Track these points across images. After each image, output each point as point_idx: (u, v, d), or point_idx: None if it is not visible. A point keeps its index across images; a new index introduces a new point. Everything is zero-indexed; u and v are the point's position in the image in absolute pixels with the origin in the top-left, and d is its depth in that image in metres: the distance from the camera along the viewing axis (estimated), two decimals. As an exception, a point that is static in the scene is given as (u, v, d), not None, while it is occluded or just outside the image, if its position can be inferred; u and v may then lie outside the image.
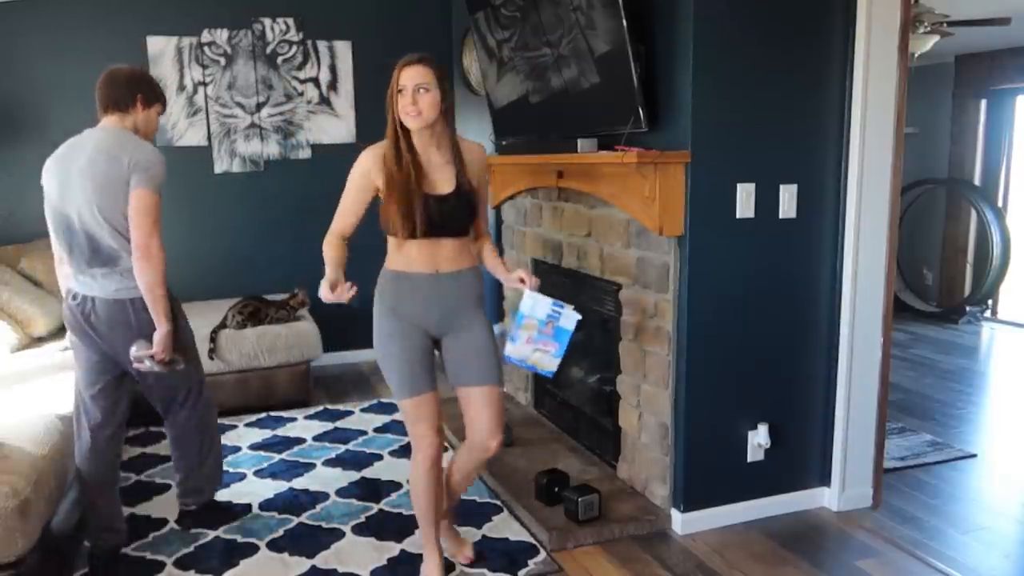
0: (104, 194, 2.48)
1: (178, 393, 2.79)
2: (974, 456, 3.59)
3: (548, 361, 2.41)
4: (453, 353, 2.44)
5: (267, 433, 3.92)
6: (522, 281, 2.40)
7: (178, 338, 2.63)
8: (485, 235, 2.54)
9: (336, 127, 5.03)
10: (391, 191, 2.33)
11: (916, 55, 4.32)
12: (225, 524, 2.97)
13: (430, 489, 2.44)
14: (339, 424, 4.04)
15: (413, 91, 2.23)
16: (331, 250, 2.61)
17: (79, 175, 2.49)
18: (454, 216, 2.33)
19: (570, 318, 2.39)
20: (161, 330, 2.54)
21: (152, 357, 2.54)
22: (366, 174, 2.41)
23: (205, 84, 4.74)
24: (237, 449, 3.70)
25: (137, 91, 2.66)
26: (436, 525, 2.51)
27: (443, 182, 2.34)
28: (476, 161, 2.41)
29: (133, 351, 2.54)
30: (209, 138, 4.80)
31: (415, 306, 2.43)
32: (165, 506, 3.13)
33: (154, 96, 2.74)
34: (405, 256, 2.43)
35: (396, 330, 2.46)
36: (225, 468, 3.45)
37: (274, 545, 2.81)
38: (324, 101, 4.99)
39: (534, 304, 2.40)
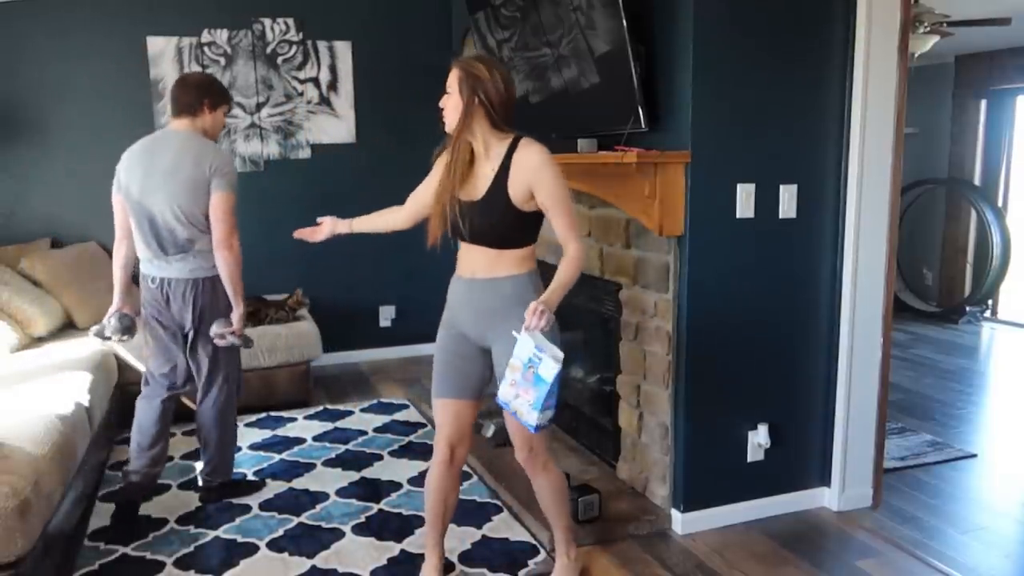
0: (187, 195, 2.85)
1: (218, 376, 3.05)
2: (974, 456, 3.60)
3: (527, 411, 2.08)
4: (495, 363, 2.32)
5: (267, 433, 3.92)
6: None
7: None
8: (569, 245, 2.22)
9: (336, 127, 5.03)
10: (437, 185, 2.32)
11: (916, 55, 4.32)
12: (246, 496, 3.21)
13: (433, 493, 2.43)
14: (339, 424, 4.04)
15: (445, 94, 2.22)
16: (378, 213, 2.74)
17: (163, 175, 2.85)
18: (477, 223, 2.23)
19: (548, 366, 2.03)
20: (238, 310, 2.94)
21: (233, 333, 2.93)
22: (433, 170, 2.45)
23: (205, 84, 4.74)
24: (237, 449, 3.68)
25: (205, 96, 2.98)
26: (438, 528, 2.48)
27: (477, 188, 2.25)
28: (524, 168, 2.19)
29: (214, 329, 2.93)
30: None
31: (456, 310, 2.38)
32: (165, 506, 3.13)
33: (221, 99, 3.05)
34: (458, 259, 2.38)
35: (443, 331, 2.42)
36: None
37: (274, 545, 2.81)
38: (324, 101, 4.99)
39: (520, 344, 2.10)
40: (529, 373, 2.09)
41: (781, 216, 2.84)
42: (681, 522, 2.89)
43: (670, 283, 2.82)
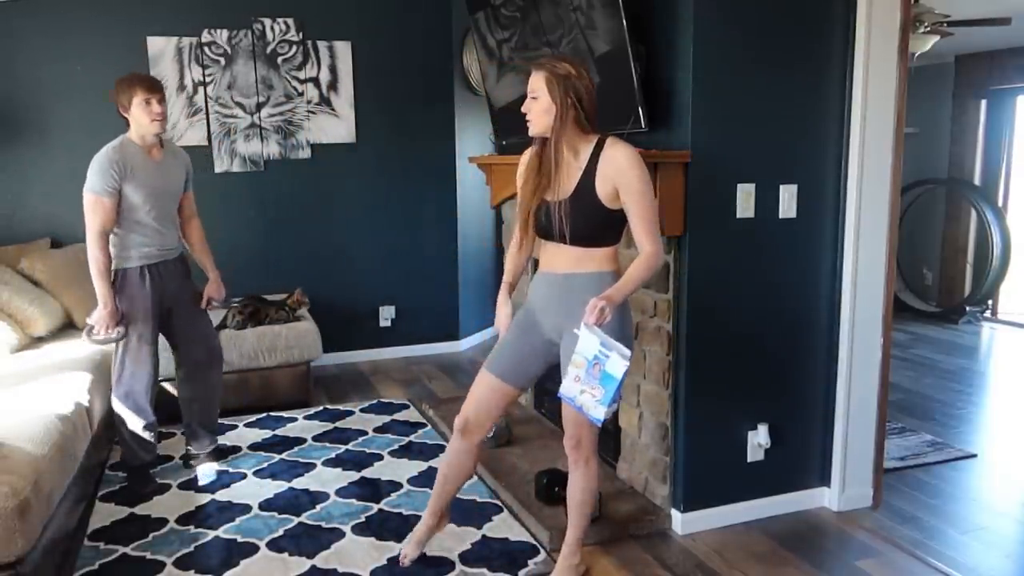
0: None
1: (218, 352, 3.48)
2: (974, 456, 3.60)
3: (594, 406, 2.11)
4: (561, 357, 2.34)
5: (267, 433, 3.92)
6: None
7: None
8: (645, 246, 2.21)
9: (336, 127, 5.03)
10: (520, 191, 2.37)
11: (916, 55, 4.32)
12: (227, 458, 3.56)
13: (447, 459, 2.56)
14: (339, 424, 4.04)
15: (529, 99, 2.21)
16: (508, 257, 2.58)
17: None
18: (565, 222, 2.23)
19: (617, 364, 2.04)
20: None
21: (91, 329, 3.13)
22: (519, 175, 2.45)
23: (205, 84, 4.74)
24: (237, 449, 3.70)
25: (117, 102, 3.12)
26: (438, 495, 2.60)
27: (565, 187, 2.25)
28: (612, 167, 2.18)
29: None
30: (209, 138, 4.80)
31: (536, 303, 2.42)
32: (165, 506, 3.13)
33: (122, 94, 3.13)
34: (541, 256, 2.41)
35: (521, 313, 2.47)
36: (225, 468, 3.48)
37: (274, 545, 2.81)
38: (324, 101, 4.99)
39: (583, 340, 2.10)
40: (595, 370, 2.09)
41: (781, 216, 2.84)
42: (681, 522, 2.89)
43: (670, 283, 2.82)
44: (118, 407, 3.23)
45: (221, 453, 3.60)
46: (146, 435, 3.27)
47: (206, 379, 3.47)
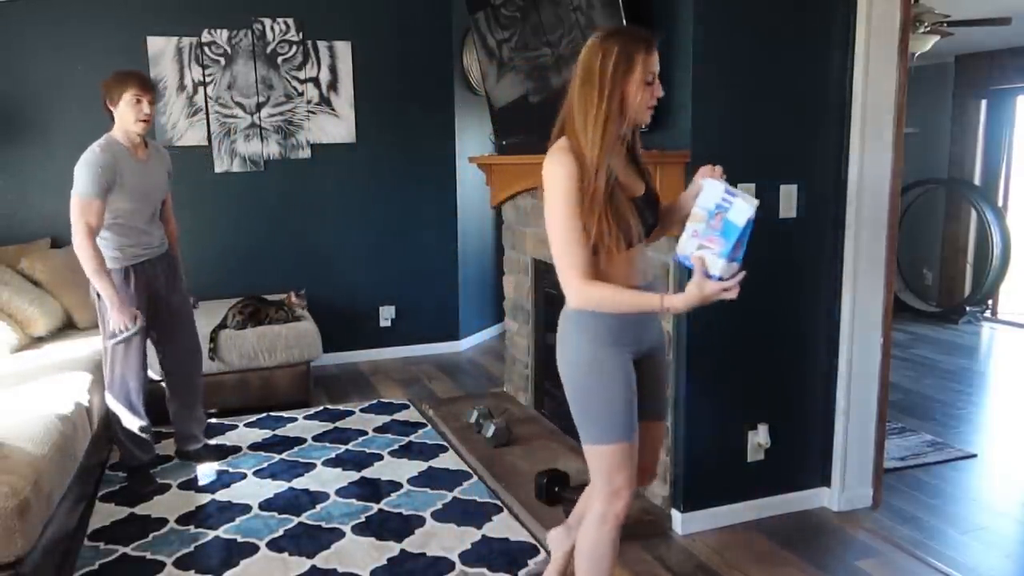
0: None
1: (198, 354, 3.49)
2: (974, 456, 3.59)
3: (711, 261, 1.83)
4: (640, 378, 2.03)
5: (267, 433, 3.92)
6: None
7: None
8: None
9: (336, 127, 5.03)
10: (596, 200, 1.84)
11: (916, 55, 4.32)
12: (227, 458, 3.56)
13: (616, 550, 2.03)
14: (339, 424, 4.04)
15: (656, 80, 1.88)
16: (619, 294, 1.90)
17: None
18: (649, 220, 1.99)
19: (741, 210, 1.83)
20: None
21: (113, 335, 3.14)
22: (579, 180, 1.86)
23: (205, 84, 4.74)
24: (237, 449, 3.69)
25: (105, 99, 3.08)
26: None
27: (634, 184, 1.98)
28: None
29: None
30: (209, 138, 4.80)
31: (634, 327, 2.00)
32: (165, 506, 3.13)
33: (109, 92, 3.07)
34: (617, 271, 1.93)
35: (621, 363, 1.97)
36: (225, 468, 3.48)
37: (274, 545, 2.81)
38: (324, 101, 4.99)
39: (706, 192, 1.88)
40: (716, 220, 1.87)
41: (781, 216, 2.84)
42: (681, 522, 2.89)
43: (670, 283, 2.82)
44: (113, 408, 3.23)
45: (222, 453, 3.61)
46: (142, 435, 3.28)
47: (186, 381, 3.48)
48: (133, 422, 3.24)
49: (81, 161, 3.02)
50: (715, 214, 1.87)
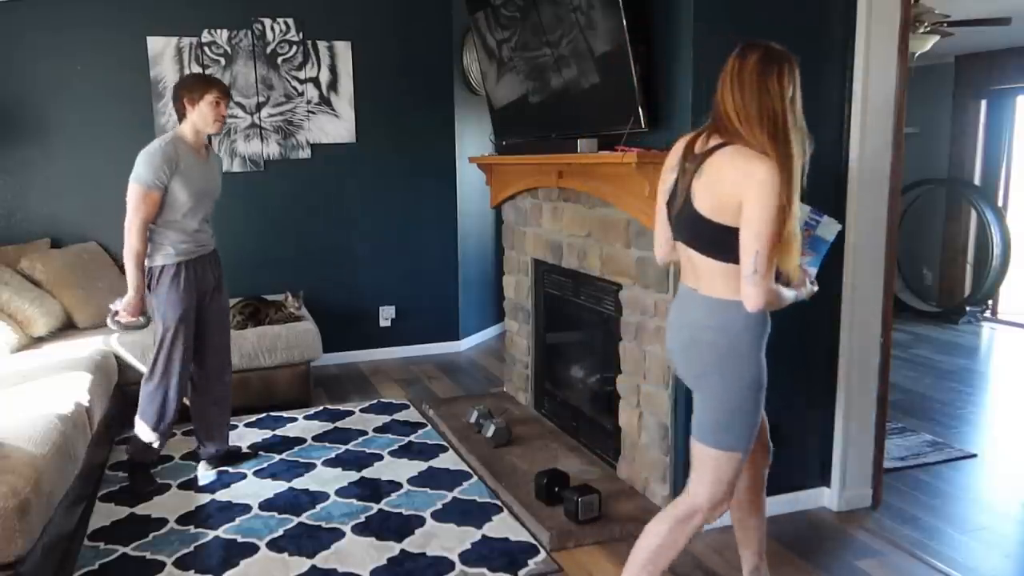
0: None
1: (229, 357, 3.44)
2: (974, 456, 3.59)
3: (808, 270, 2.12)
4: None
5: (267, 433, 3.92)
6: None
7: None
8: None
9: (336, 127, 5.03)
10: (791, 211, 1.89)
11: (916, 55, 4.32)
12: (240, 463, 3.52)
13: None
14: (339, 424, 4.04)
15: None
16: (785, 292, 1.98)
17: None
18: None
19: (829, 228, 2.15)
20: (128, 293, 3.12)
21: (115, 313, 3.13)
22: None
23: (205, 84, 4.74)
24: (238, 449, 3.69)
25: (181, 95, 3.13)
26: None
27: None
28: None
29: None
30: (209, 138, 4.77)
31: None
32: (165, 506, 3.13)
33: (193, 91, 3.13)
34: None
35: (766, 372, 2.02)
36: (225, 468, 3.47)
37: (274, 545, 2.81)
38: (324, 101, 4.99)
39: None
40: (805, 236, 2.10)
41: (781, 216, 2.83)
42: (681, 522, 2.88)
43: (670, 283, 2.82)
44: (144, 401, 3.23)
45: (236, 458, 3.57)
46: (160, 436, 3.26)
47: (214, 389, 3.42)
48: (158, 421, 3.23)
49: (144, 151, 3.08)
50: (804, 231, 2.09)
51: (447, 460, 3.54)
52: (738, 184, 1.86)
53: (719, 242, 1.92)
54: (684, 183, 1.99)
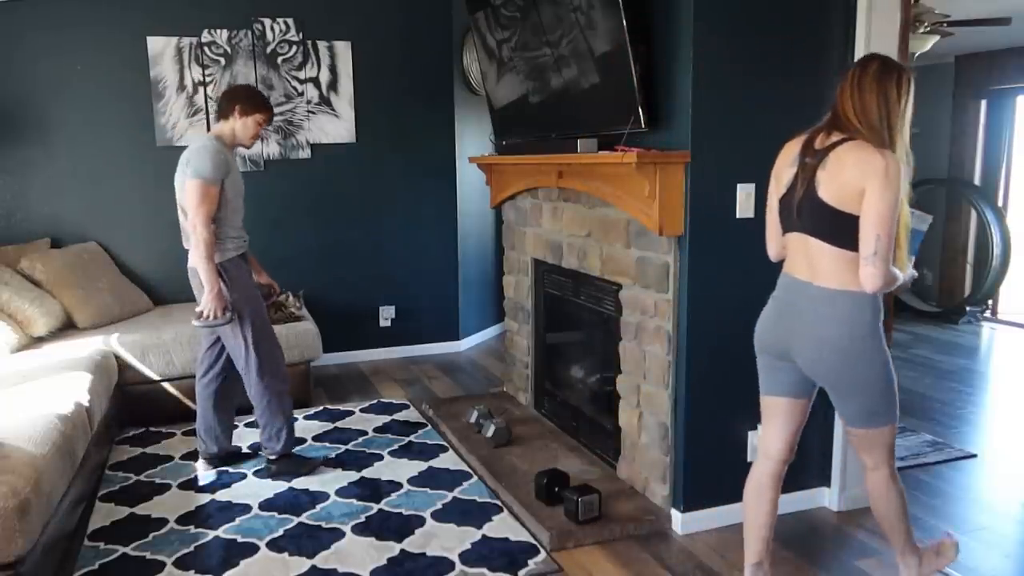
0: (180, 189, 3.20)
1: (238, 360, 3.29)
2: (974, 456, 3.59)
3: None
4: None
5: (267, 433, 3.92)
6: None
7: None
8: None
9: (336, 127, 5.03)
10: (904, 200, 2.09)
11: (916, 55, 4.32)
12: (240, 463, 3.49)
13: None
14: (339, 424, 4.04)
15: None
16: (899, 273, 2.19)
17: (177, 173, 3.23)
18: None
19: (923, 220, 2.38)
20: (206, 294, 3.14)
21: (200, 315, 3.17)
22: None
23: (205, 84, 4.74)
24: (238, 449, 3.69)
25: (236, 102, 3.24)
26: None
27: None
28: None
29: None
30: (209, 138, 4.79)
31: None
32: (165, 506, 3.13)
33: (250, 106, 3.25)
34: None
35: None
36: (225, 468, 3.47)
37: (274, 545, 2.81)
38: (324, 101, 4.99)
39: None
40: None
41: (781, 216, 2.83)
42: (681, 522, 2.89)
43: (670, 283, 2.82)
44: (275, 392, 3.31)
45: (236, 458, 3.57)
46: (292, 419, 3.42)
47: (237, 389, 3.44)
48: (288, 401, 3.37)
49: (202, 148, 3.14)
50: None
51: (447, 460, 3.54)
52: (861, 173, 2.02)
53: (840, 229, 2.07)
54: (806, 175, 2.14)
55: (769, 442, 2.41)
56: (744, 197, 2.77)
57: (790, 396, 2.34)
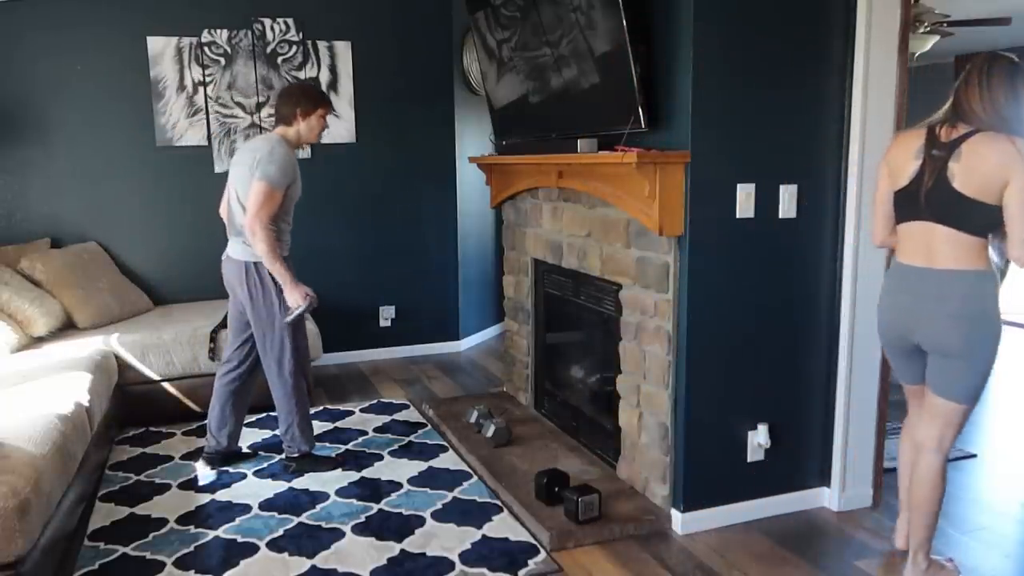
0: (243, 183, 3.20)
1: (267, 352, 3.34)
2: (974, 456, 3.59)
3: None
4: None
5: (267, 433, 3.92)
6: None
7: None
8: None
9: (336, 127, 5.03)
10: None
11: (916, 55, 4.32)
12: (320, 471, 3.45)
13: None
14: (339, 424, 4.04)
15: None
16: None
17: (236, 165, 3.28)
18: None
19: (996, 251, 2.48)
20: (284, 287, 3.23)
21: (288, 309, 3.24)
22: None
23: (205, 84, 4.74)
24: (238, 449, 3.69)
25: (296, 106, 3.26)
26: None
27: None
28: None
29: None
30: (209, 138, 4.80)
31: None
32: (165, 506, 3.13)
33: (310, 105, 3.27)
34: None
35: None
36: (225, 468, 3.47)
37: (274, 545, 2.81)
38: (324, 101, 4.98)
39: None
40: None
41: (781, 216, 2.84)
42: (681, 522, 2.89)
43: (670, 283, 2.82)
44: (303, 392, 3.40)
45: (236, 458, 3.57)
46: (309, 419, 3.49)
47: (252, 387, 3.53)
48: (307, 401, 3.44)
49: (275, 153, 3.17)
50: None
51: (447, 460, 3.54)
52: (1005, 165, 2.17)
53: (970, 216, 2.25)
54: (935, 167, 2.28)
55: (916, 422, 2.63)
56: (744, 197, 2.77)
57: (924, 383, 2.52)
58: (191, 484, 3.34)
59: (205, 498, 3.20)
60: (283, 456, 3.50)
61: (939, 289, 2.33)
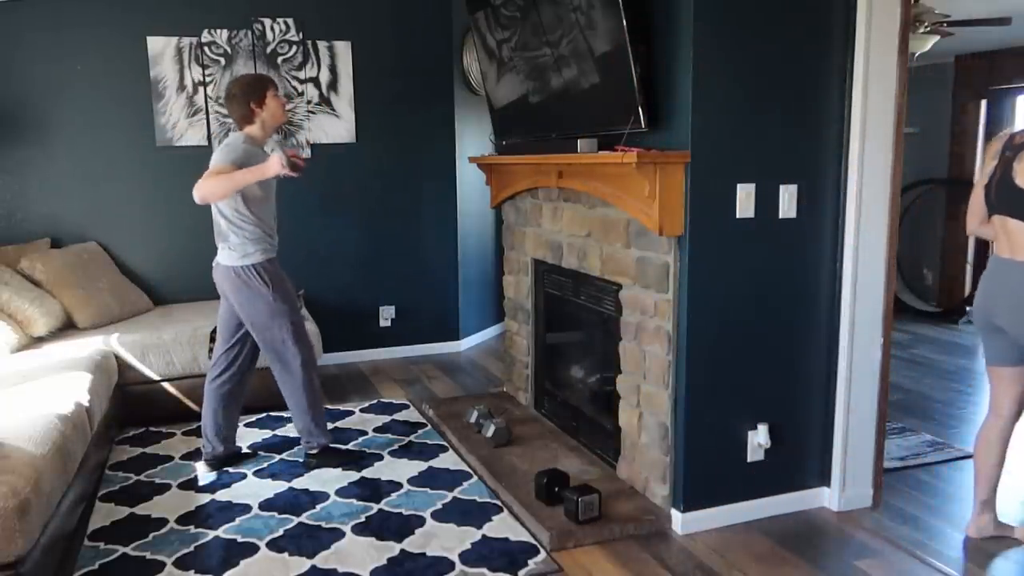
0: None
1: (271, 351, 3.35)
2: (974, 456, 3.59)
3: None
4: None
5: (267, 433, 3.92)
6: None
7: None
8: None
9: (336, 127, 5.03)
10: None
11: (916, 55, 4.32)
12: (240, 463, 3.50)
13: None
14: (339, 424, 4.04)
15: None
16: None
17: None
18: None
19: None
20: (270, 162, 3.01)
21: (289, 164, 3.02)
22: None
23: (205, 84, 4.74)
24: (238, 449, 3.69)
25: (249, 100, 3.21)
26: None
27: None
28: None
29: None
30: (209, 138, 4.80)
31: None
32: (165, 506, 3.13)
33: (255, 91, 3.21)
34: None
35: None
36: (225, 468, 3.47)
37: (274, 545, 2.81)
38: (324, 101, 4.99)
39: None
40: None
41: (781, 216, 2.84)
42: (681, 522, 2.89)
43: (670, 283, 2.82)
44: (315, 385, 3.43)
45: (236, 458, 3.57)
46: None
47: (244, 388, 3.54)
48: (323, 397, 3.50)
49: (224, 145, 3.18)
50: None
51: (447, 460, 3.54)
52: None
53: None
54: (1003, 165, 2.53)
55: (1000, 404, 2.75)
56: (744, 197, 2.77)
57: (1010, 364, 2.68)
58: (191, 484, 3.34)
59: (205, 498, 3.20)
60: (303, 452, 3.53)
61: (1020, 279, 2.52)
